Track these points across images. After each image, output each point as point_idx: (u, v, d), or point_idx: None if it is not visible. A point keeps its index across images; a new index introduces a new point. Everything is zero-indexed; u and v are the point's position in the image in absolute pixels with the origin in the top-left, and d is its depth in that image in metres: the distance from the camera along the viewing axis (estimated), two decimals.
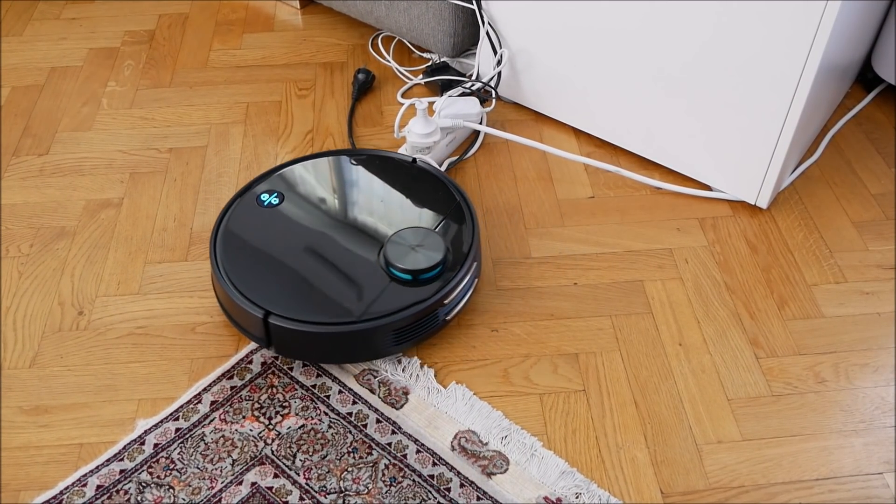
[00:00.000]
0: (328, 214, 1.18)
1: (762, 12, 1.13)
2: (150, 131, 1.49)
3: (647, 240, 1.29)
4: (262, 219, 1.17)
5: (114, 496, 0.98)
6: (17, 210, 1.34)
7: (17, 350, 1.14)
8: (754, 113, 1.23)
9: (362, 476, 1.00)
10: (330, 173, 1.25)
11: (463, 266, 1.11)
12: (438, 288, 1.09)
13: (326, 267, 1.11)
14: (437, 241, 1.12)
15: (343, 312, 1.05)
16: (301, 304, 1.07)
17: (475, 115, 1.40)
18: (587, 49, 1.35)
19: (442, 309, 1.09)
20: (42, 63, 1.65)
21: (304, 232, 1.15)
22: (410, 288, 1.08)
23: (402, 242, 1.11)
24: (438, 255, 1.10)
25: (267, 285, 1.09)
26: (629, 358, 1.13)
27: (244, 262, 1.12)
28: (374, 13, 1.58)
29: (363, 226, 1.16)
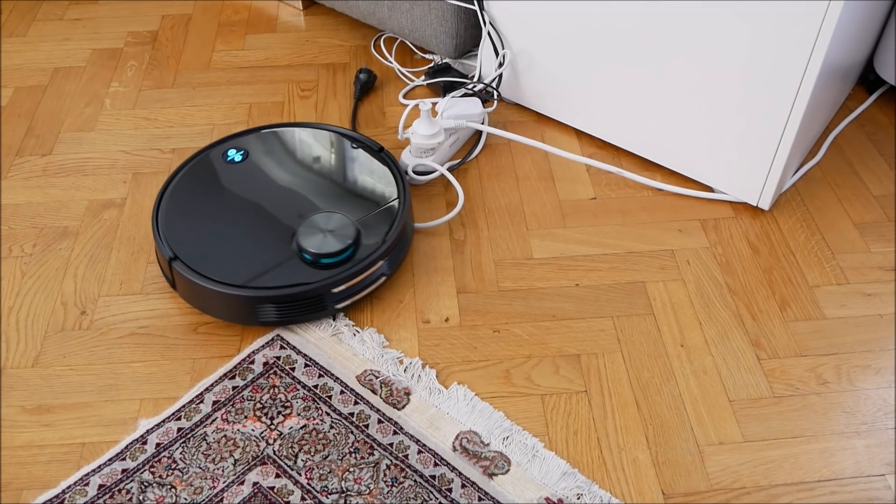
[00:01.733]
0: (275, 182, 1.23)
1: (764, 13, 1.14)
2: (152, 132, 1.49)
3: (649, 241, 1.29)
4: (216, 174, 1.25)
5: (116, 496, 0.99)
6: (20, 210, 1.34)
7: (20, 349, 1.15)
8: (756, 114, 1.23)
9: (364, 476, 1.00)
10: (299, 144, 1.29)
11: (366, 261, 1.14)
12: (330, 276, 1.12)
13: (247, 231, 1.18)
14: (349, 231, 1.15)
15: (234, 275, 1.12)
16: (204, 257, 1.14)
17: (477, 116, 1.40)
18: (589, 50, 1.35)
19: (330, 297, 1.13)
20: (45, 63, 1.66)
21: (246, 193, 1.22)
22: (309, 268, 1.13)
23: (316, 225, 1.16)
24: (340, 245, 1.13)
25: (185, 233, 1.17)
26: (631, 359, 1.13)
27: (178, 208, 1.21)
28: (376, 14, 1.58)
29: (300, 200, 1.21)
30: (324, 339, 1.14)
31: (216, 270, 1.13)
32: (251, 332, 1.16)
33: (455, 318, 1.18)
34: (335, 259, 1.13)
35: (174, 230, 1.18)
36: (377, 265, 1.15)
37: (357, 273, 1.14)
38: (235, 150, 1.26)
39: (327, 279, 1.12)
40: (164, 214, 1.20)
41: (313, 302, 1.13)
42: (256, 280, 1.12)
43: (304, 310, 1.13)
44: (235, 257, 1.14)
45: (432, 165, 1.35)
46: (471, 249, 1.27)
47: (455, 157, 1.42)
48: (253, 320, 1.13)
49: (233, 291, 1.11)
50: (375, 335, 1.14)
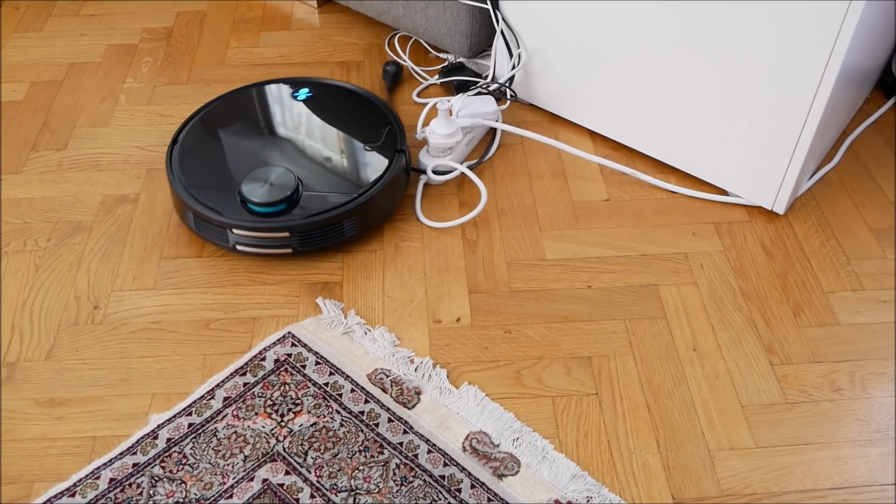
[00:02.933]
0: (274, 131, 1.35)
1: (782, 16, 1.13)
2: (167, 128, 1.49)
3: (662, 244, 1.28)
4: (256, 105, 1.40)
5: (126, 489, 0.99)
6: (34, 204, 1.35)
7: (34, 342, 1.15)
8: (772, 117, 1.22)
9: (373, 475, 1.00)
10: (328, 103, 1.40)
11: (268, 223, 1.20)
12: (238, 218, 1.20)
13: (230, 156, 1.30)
14: (280, 191, 1.21)
15: (189, 178, 1.27)
16: (189, 156, 1.30)
17: (492, 114, 1.40)
18: (603, 51, 1.35)
19: (232, 236, 1.21)
20: (61, 59, 1.66)
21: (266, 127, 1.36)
22: (243, 206, 1.22)
23: (262, 175, 1.24)
24: (265, 198, 1.20)
25: (196, 136, 1.34)
26: (642, 362, 1.13)
27: (197, 133, 1.35)
28: (391, 13, 1.58)
29: (294, 151, 1.31)
30: (335, 337, 1.14)
31: (187, 168, 1.28)
32: (263, 329, 1.16)
33: (466, 318, 1.18)
34: (260, 209, 1.21)
35: (191, 132, 1.34)
36: (281, 234, 1.20)
37: (255, 229, 1.20)
38: (306, 90, 1.41)
39: (232, 219, 1.20)
40: (197, 119, 1.36)
41: (219, 231, 1.22)
42: (195, 190, 1.24)
43: (211, 233, 1.23)
44: (207, 168, 1.28)
45: (453, 165, 1.35)
46: (483, 250, 1.27)
47: (469, 156, 1.42)
48: (184, 218, 1.26)
49: (178, 189, 1.25)
50: (386, 334, 1.14)
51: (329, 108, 1.39)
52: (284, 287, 1.22)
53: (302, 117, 1.37)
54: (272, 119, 1.37)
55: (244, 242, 1.21)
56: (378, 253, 1.26)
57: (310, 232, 1.21)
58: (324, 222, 1.21)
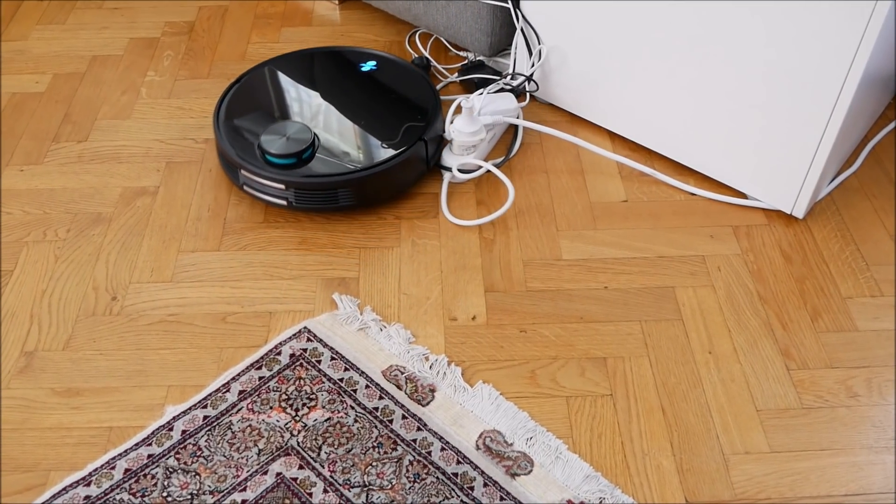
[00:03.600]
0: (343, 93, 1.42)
1: (806, 19, 1.12)
2: (187, 121, 1.50)
3: (680, 246, 1.28)
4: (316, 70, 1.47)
5: (141, 480, 0.99)
6: (55, 195, 1.36)
7: (52, 332, 1.16)
8: (794, 121, 1.21)
9: (386, 471, 1.00)
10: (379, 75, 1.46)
11: (271, 173, 1.27)
12: (249, 162, 1.28)
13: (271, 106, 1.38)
14: (295, 144, 1.28)
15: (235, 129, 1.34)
16: (237, 120, 1.36)
17: (513, 111, 1.40)
18: (624, 51, 1.34)
19: (241, 176, 1.29)
20: (84, 51, 1.67)
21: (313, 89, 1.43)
22: (262, 157, 1.29)
23: (280, 129, 1.31)
24: (282, 149, 1.27)
25: (251, 88, 1.42)
26: (658, 364, 1.12)
27: (245, 91, 1.42)
28: (411, 10, 1.58)
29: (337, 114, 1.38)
30: (350, 333, 1.14)
31: (231, 110, 1.37)
32: (279, 324, 1.16)
33: (482, 317, 1.18)
34: (274, 159, 1.27)
35: (252, 78, 1.43)
36: (278, 185, 1.27)
37: (259, 175, 1.27)
38: (373, 63, 1.47)
39: (245, 161, 1.28)
40: (248, 80, 1.44)
41: (230, 168, 1.31)
42: (228, 130, 1.34)
43: (228, 169, 1.33)
44: (248, 113, 1.37)
45: (480, 163, 1.35)
46: (500, 248, 1.27)
47: (490, 154, 1.42)
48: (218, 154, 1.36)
49: (217, 124, 1.35)
50: (402, 330, 1.14)
51: (382, 84, 1.43)
52: (301, 282, 1.22)
53: (353, 87, 1.42)
54: (325, 83, 1.43)
55: (250, 185, 1.29)
56: (395, 250, 1.27)
57: (305, 190, 1.26)
58: (320, 185, 1.26)
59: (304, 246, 1.27)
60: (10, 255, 1.27)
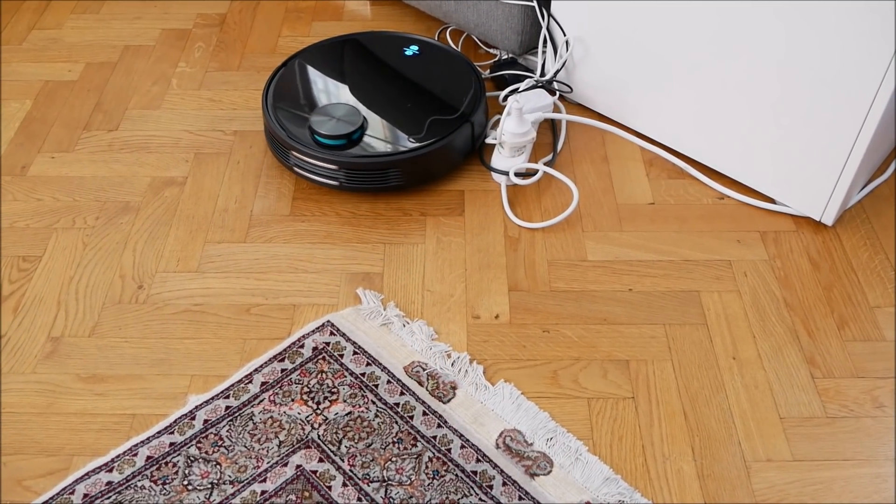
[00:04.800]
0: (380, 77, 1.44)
1: (840, 24, 1.11)
2: (216, 113, 1.51)
3: (706, 250, 1.27)
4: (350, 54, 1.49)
5: (162, 468, 1.00)
6: (85, 183, 1.38)
7: (79, 319, 1.17)
8: (826, 127, 1.20)
9: (406, 467, 1.00)
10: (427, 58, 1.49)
11: (323, 154, 1.29)
12: (302, 144, 1.30)
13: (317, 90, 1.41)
14: (346, 126, 1.30)
15: (284, 109, 1.37)
16: (286, 103, 1.39)
17: (549, 107, 1.39)
18: (655, 52, 1.33)
19: (292, 157, 1.32)
20: (116, 41, 1.69)
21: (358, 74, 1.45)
22: (306, 131, 1.33)
23: (330, 111, 1.33)
24: (332, 131, 1.29)
25: (286, 87, 1.42)
26: (681, 368, 1.12)
27: (307, 60, 1.47)
28: (442, 7, 1.58)
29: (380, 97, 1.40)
30: (373, 328, 1.15)
31: (280, 92, 1.40)
32: (302, 317, 1.17)
33: (505, 316, 1.18)
34: (325, 140, 1.30)
35: (279, 81, 1.43)
36: (331, 166, 1.29)
37: (311, 155, 1.30)
38: (416, 48, 1.49)
39: (297, 143, 1.30)
40: (295, 63, 1.47)
41: (280, 150, 1.34)
42: (278, 113, 1.36)
43: (278, 151, 1.35)
44: (297, 95, 1.40)
45: (535, 166, 1.34)
46: (525, 248, 1.27)
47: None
48: (266, 137, 1.39)
49: (266, 107, 1.37)
50: (425, 327, 1.15)
51: (426, 68, 1.46)
52: (325, 276, 1.22)
53: (398, 71, 1.45)
54: (370, 66, 1.46)
55: (301, 166, 1.31)
56: (419, 246, 1.27)
57: (357, 171, 1.29)
58: (371, 165, 1.29)
59: (330, 240, 1.28)
60: (40, 240, 1.28)
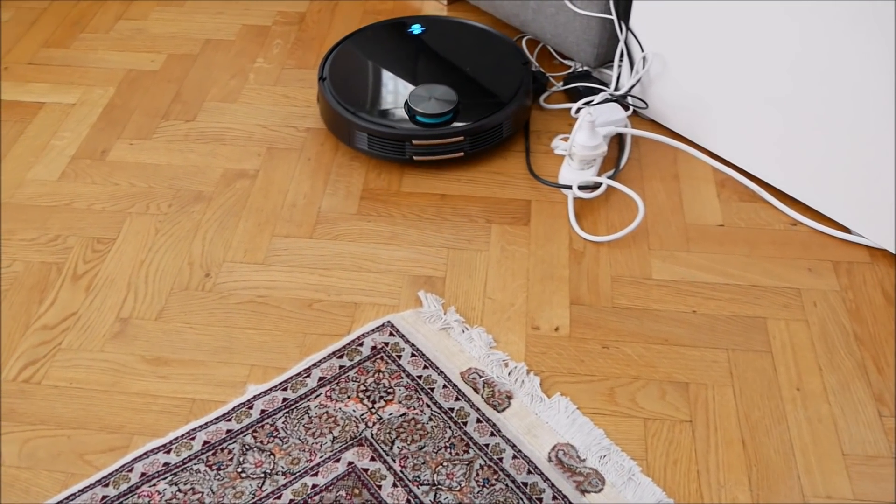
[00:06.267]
0: (429, 55, 1.51)
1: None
2: (290, 109, 1.54)
3: (775, 276, 1.24)
4: (385, 39, 1.55)
5: (218, 453, 1.02)
6: (160, 170, 1.41)
7: (147, 302, 1.20)
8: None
9: (456, 472, 1.00)
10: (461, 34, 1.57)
11: (449, 131, 1.36)
12: (414, 132, 1.35)
13: (388, 81, 1.46)
14: (447, 104, 1.37)
15: (352, 104, 1.40)
16: (342, 85, 1.44)
17: (622, 121, 1.38)
18: (734, 72, 1.31)
19: (409, 147, 1.36)
20: (198, 34, 1.73)
21: (399, 54, 1.51)
22: (407, 120, 1.38)
23: (426, 91, 1.40)
24: (437, 110, 1.35)
25: (342, 67, 1.48)
26: (742, 395, 1.09)
27: (348, 51, 1.51)
28: (520, 16, 1.58)
29: (435, 73, 1.47)
30: (433, 332, 1.15)
31: (342, 97, 1.41)
32: (363, 315, 1.18)
33: (565, 329, 1.17)
34: (429, 120, 1.36)
35: (337, 62, 1.48)
36: (456, 138, 1.36)
37: (436, 136, 1.35)
38: (419, 26, 1.57)
39: (413, 131, 1.35)
40: (338, 50, 1.51)
41: (396, 145, 1.36)
42: (364, 113, 1.38)
43: (388, 149, 1.37)
44: (361, 95, 1.42)
45: (598, 180, 1.33)
46: (589, 262, 1.26)
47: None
48: (351, 143, 1.40)
49: (344, 114, 1.38)
50: (484, 334, 1.14)
51: (473, 44, 1.55)
52: (388, 276, 1.23)
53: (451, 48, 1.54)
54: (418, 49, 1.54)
55: (421, 152, 1.36)
56: (483, 253, 1.27)
57: (479, 134, 1.37)
58: (490, 125, 1.38)
59: (395, 241, 1.29)
60: (114, 224, 1.32)
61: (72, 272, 1.24)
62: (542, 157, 1.43)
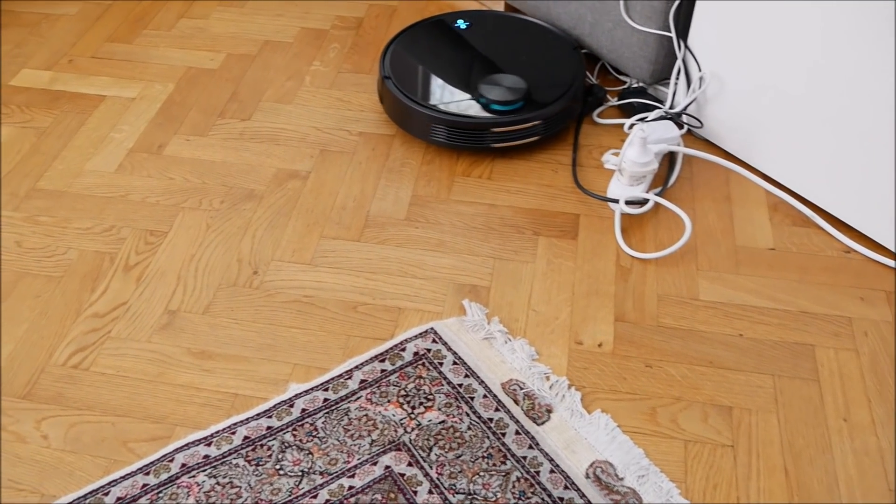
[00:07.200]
0: (480, 49, 1.56)
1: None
2: (344, 113, 1.55)
3: (826, 304, 1.22)
4: (438, 35, 1.60)
5: (258, 449, 1.03)
6: (214, 167, 1.43)
7: (195, 296, 1.22)
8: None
9: (493, 483, 1.00)
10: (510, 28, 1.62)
11: (522, 117, 1.41)
12: (496, 120, 1.40)
13: (451, 74, 1.49)
14: (520, 91, 1.42)
15: (424, 99, 1.44)
16: (409, 82, 1.47)
17: (675, 139, 1.37)
18: (792, 97, 1.29)
19: (489, 135, 1.40)
20: (257, 35, 1.76)
21: (456, 50, 1.55)
22: (482, 110, 1.42)
23: (497, 80, 1.44)
24: (510, 97, 1.40)
25: (404, 64, 1.51)
26: (786, 422, 1.07)
27: (407, 48, 1.55)
28: (577, 29, 1.58)
29: (493, 64, 1.52)
30: (475, 341, 1.15)
31: (412, 93, 1.44)
32: (406, 321, 1.18)
33: (608, 345, 1.16)
34: (504, 107, 1.41)
35: (396, 61, 1.52)
36: (533, 122, 1.41)
37: (515, 122, 1.40)
38: (463, 21, 1.62)
39: (492, 119, 1.40)
40: (393, 48, 1.55)
41: (476, 134, 1.41)
42: (440, 106, 1.42)
43: (467, 139, 1.41)
44: (430, 90, 1.47)
45: (646, 196, 1.33)
46: (636, 279, 1.25)
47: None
48: (427, 137, 1.43)
49: (420, 109, 1.41)
50: (526, 346, 1.14)
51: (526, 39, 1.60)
52: (434, 283, 1.24)
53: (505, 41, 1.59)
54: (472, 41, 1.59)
55: (500, 139, 1.41)
56: (529, 265, 1.26)
57: (552, 117, 1.43)
58: (563, 108, 1.44)
59: (441, 249, 1.29)
60: (167, 217, 1.34)
61: (124, 263, 1.27)
62: (593, 172, 1.42)
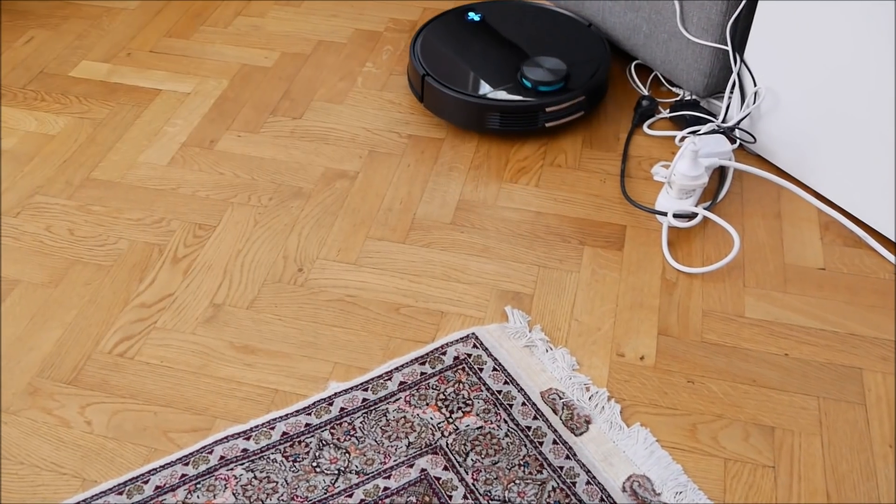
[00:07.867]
0: (508, 36, 1.60)
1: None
2: (394, 115, 1.56)
3: (875, 327, 1.19)
4: (461, 27, 1.63)
5: (295, 445, 1.04)
6: (264, 164, 1.45)
7: (240, 290, 1.24)
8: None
9: (528, 492, 1.00)
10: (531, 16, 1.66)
11: (569, 94, 1.47)
12: (545, 100, 1.45)
13: (485, 63, 1.53)
14: (562, 71, 1.47)
15: (472, 90, 1.47)
16: (449, 76, 1.50)
17: (727, 154, 1.35)
18: (848, 115, 1.27)
19: (542, 115, 1.45)
20: (311, 35, 1.77)
21: (487, 40, 1.59)
22: (528, 93, 1.46)
23: (538, 62, 1.49)
24: (554, 78, 1.46)
25: (436, 59, 1.54)
26: (830, 446, 1.05)
27: (432, 44, 1.57)
28: (631, 40, 1.57)
29: (525, 50, 1.56)
30: (516, 348, 1.15)
31: (458, 86, 1.47)
32: (448, 325, 1.19)
33: (650, 359, 1.15)
34: (549, 87, 1.46)
35: (427, 58, 1.54)
36: (579, 98, 1.47)
37: (564, 101, 1.46)
38: (474, 13, 1.65)
39: (544, 100, 1.45)
40: (419, 46, 1.57)
41: (529, 115, 1.46)
42: (489, 94, 1.46)
43: (521, 121, 1.46)
44: (473, 80, 1.49)
45: (695, 210, 1.31)
46: (681, 293, 1.23)
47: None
48: (481, 126, 1.47)
49: (471, 100, 1.45)
50: (567, 356, 1.14)
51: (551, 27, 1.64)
52: (477, 288, 1.24)
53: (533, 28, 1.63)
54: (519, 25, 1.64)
55: (552, 117, 1.46)
56: (574, 275, 1.26)
57: (594, 92, 1.50)
58: (600, 83, 1.51)
59: (486, 254, 1.29)
60: (216, 211, 1.36)
61: (172, 255, 1.29)
62: (642, 184, 1.41)
